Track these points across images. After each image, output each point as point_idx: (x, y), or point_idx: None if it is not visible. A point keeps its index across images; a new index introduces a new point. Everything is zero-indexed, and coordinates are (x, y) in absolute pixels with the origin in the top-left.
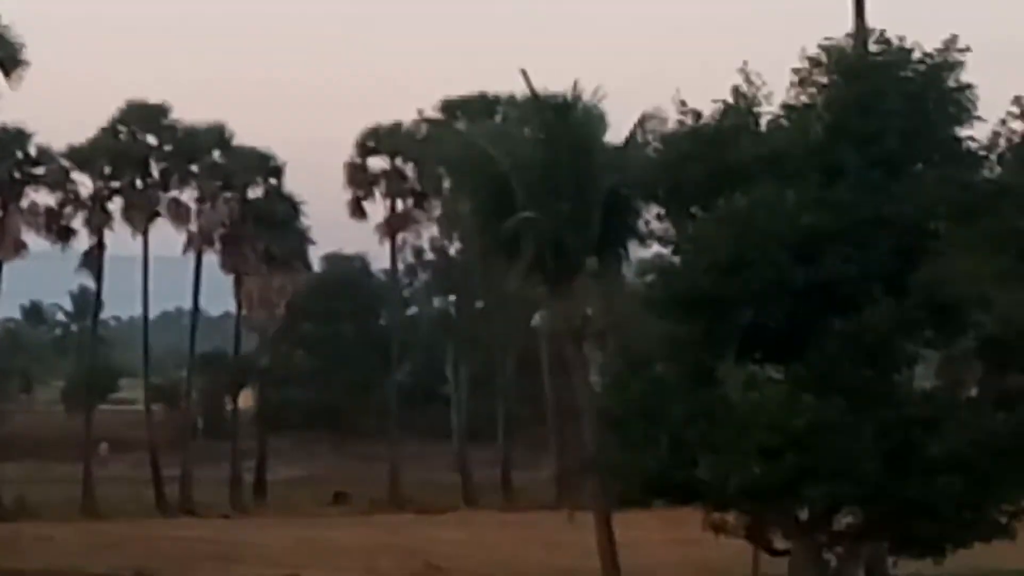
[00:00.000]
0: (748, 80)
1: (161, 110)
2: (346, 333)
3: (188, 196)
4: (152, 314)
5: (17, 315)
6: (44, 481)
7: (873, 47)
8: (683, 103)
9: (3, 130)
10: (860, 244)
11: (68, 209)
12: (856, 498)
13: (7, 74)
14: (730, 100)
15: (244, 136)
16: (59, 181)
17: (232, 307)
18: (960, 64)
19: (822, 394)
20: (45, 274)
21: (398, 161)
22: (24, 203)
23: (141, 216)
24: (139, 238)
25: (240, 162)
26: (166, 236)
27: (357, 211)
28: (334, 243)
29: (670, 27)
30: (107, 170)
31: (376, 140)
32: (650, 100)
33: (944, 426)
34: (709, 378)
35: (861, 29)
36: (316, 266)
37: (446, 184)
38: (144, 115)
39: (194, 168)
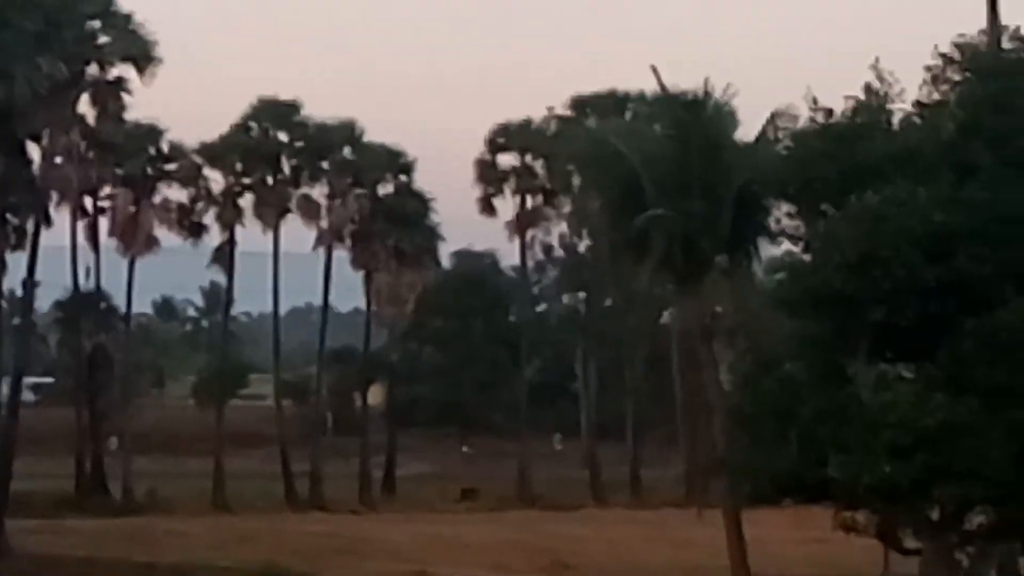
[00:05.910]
0: (880, 77)
1: (292, 107)
2: (475, 329)
3: (319, 193)
4: (282, 310)
5: (149, 310)
6: (175, 475)
7: (1007, 44)
8: (814, 100)
9: (136, 126)
10: (993, 243)
11: (199, 205)
12: (987, 498)
13: (140, 71)
14: (862, 97)
15: (374, 130)
16: (191, 177)
17: (362, 303)
18: None
19: (954, 394)
20: (176, 269)
21: (528, 158)
22: (156, 199)
23: (272, 212)
24: (270, 234)
25: (370, 159)
26: (296, 232)
27: (487, 208)
28: (464, 240)
29: (802, 24)
30: (238, 166)
31: (506, 137)
32: (781, 97)
33: None
34: (840, 377)
35: (995, 26)
36: (446, 263)
37: (576, 181)
38: (275, 112)
39: (325, 165)
